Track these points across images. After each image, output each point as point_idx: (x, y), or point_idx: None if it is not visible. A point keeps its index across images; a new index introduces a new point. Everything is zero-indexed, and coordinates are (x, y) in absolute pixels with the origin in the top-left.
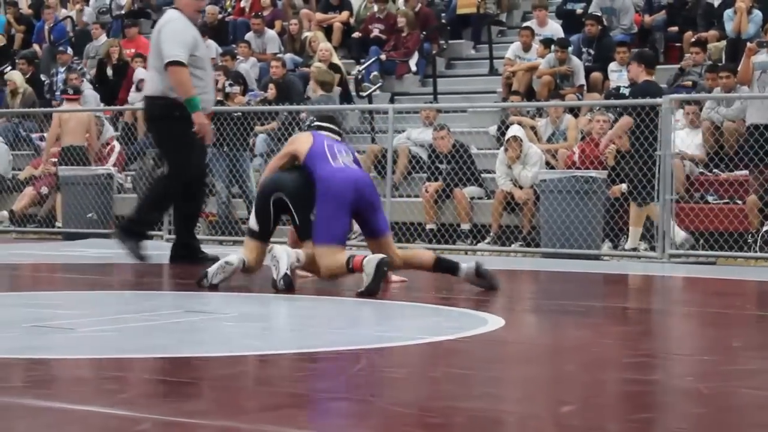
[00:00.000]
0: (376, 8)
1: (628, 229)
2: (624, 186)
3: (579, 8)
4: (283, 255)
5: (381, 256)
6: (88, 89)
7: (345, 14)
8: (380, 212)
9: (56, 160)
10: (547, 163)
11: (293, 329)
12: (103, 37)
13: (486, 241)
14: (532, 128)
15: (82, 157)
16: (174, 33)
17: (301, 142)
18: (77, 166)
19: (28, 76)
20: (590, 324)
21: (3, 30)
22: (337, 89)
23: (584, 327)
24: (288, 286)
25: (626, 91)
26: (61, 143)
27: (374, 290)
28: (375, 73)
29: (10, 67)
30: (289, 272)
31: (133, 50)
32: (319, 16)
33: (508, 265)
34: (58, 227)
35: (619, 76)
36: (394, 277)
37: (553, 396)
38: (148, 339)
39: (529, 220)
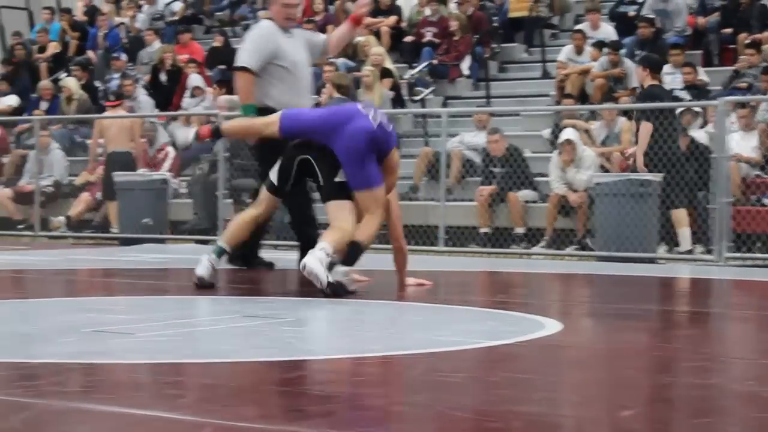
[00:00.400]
0: (428, 12)
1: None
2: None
3: (632, 11)
4: (317, 266)
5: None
6: (142, 95)
7: (393, 18)
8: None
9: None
10: (601, 167)
11: (350, 334)
12: (157, 43)
13: (540, 244)
14: (586, 131)
15: (127, 163)
16: (250, 40)
17: None
18: (121, 171)
19: (83, 82)
20: (648, 328)
21: (58, 37)
22: (389, 93)
23: (642, 331)
24: (336, 290)
25: (680, 93)
26: (106, 150)
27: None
28: (422, 68)
29: (65, 74)
30: (330, 279)
31: (186, 56)
32: (368, 20)
33: (562, 268)
34: (113, 233)
35: (673, 78)
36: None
37: (613, 400)
38: (207, 344)
39: (583, 223)
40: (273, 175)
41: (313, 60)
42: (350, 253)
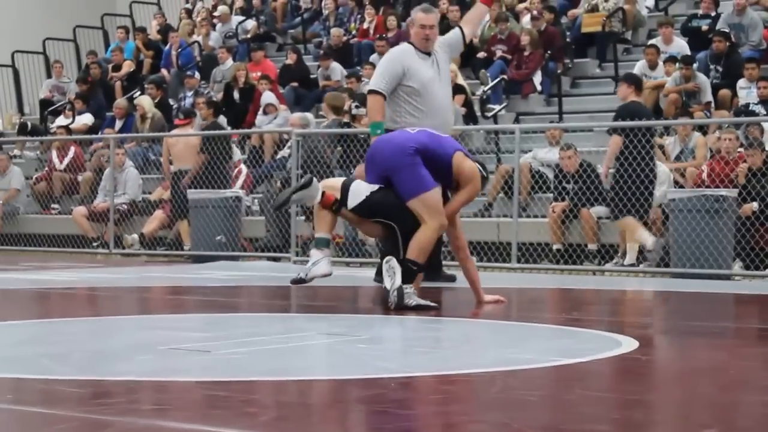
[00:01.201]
0: (498, 29)
1: (760, 249)
2: (755, 204)
3: (705, 24)
4: (399, 267)
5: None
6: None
7: None
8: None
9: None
10: (676, 182)
11: (426, 351)
12: (230, 61)
13: (613, 261)
14: (660, 147)
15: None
16: (381, 64)
17: None
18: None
19: (156, 100)
20: (726, 345)
21: (132, 56)
22: (461, 109)
23: (720, 348)
24: (400, 299)
25: (756, 108)
26: (172, 168)
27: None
28: (494, 84)
29: (139, 92)
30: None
31: (259, 73)
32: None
33: (636, 286)
34: (186, 250)
35: (748, 93)
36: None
37: (692, 419)
38: (283, 361)
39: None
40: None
41: (456, 53)
42: (404, 271)
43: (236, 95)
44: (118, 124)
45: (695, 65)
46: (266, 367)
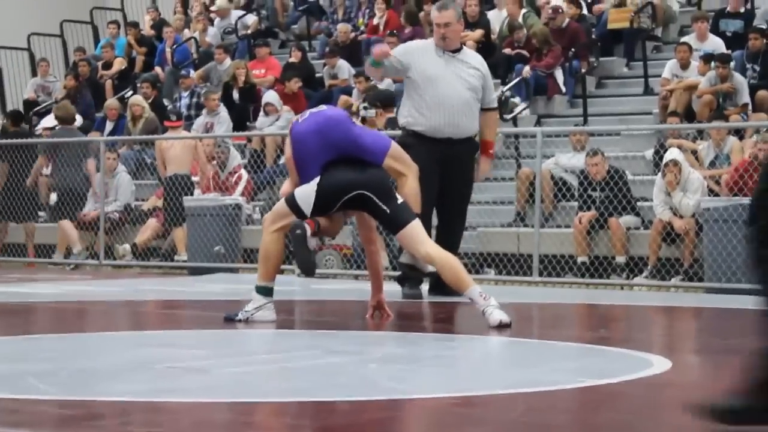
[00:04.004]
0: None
1: None
2: None
3: (734, 28)
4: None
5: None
6: (223, 111)
7: (479, 32)
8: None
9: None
10: (710, 190)
11: (441, 371)
12: (228, 61)
13: (643, 275)
14: (693, 152)
15: (186, 187)
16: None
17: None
18: (183, 196)
19: (150, 100)
20: None
21: (123, 52)
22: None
23: None
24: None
25: None
26: (165, 172)
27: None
28: (515, 82)
29: (131, 92)
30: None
31: (263, 70)
32: None
33: (667, 301)
34: (178, 260)
35: None
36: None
37: None
38: (288, 381)
39: (690, 252)
40: (305, 206)
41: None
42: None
43: (235, 95)
44: (109, 125)
45: (732, 64)
46: (269, 388)
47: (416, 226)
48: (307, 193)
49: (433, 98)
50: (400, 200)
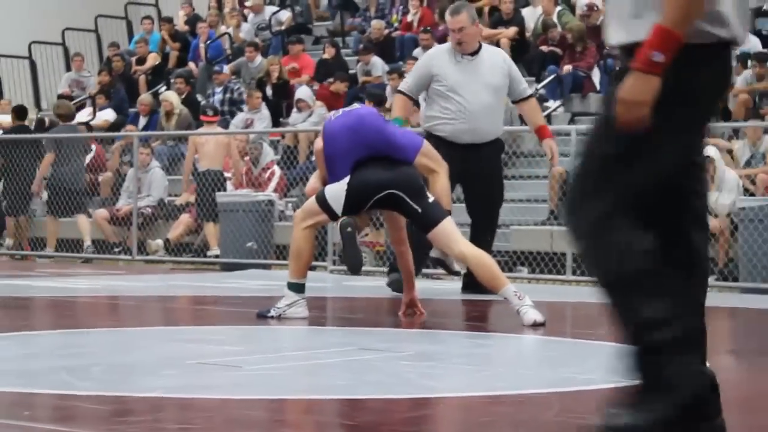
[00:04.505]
0: (549, 24)
1: None
2: None
3: None
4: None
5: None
6: (264, 108)
7: (513, 29)
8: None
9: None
10: (746, 190)
11: (475, 369)
12: (259, 58)
13: None
14: (729, 151)
15: (219, 183)
16: (416, 63)
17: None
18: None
19: (183, 96)
20: None
21: (157, 48)
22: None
23: None
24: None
25: None
26: (199, 168)
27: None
28: (548, 81)
29: (164, 87)
30: None
31: (296, 66)
32: (487, 31)
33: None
34: (210, 256)
35: None
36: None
37: None
38: (321, 378)
39: (725, 251)
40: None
41: (511, 97)
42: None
43: (269, 91)
44: (142, 121)
45: None
46: (301, 385)
47: (448, 224)
48: (337, 193)
49: (455, 106)
50: (431, 198)
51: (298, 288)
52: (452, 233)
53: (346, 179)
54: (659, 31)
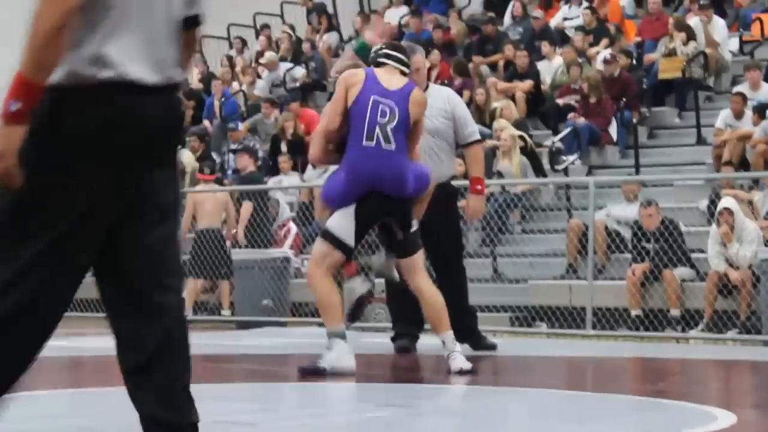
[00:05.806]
0: (568, 77)
1: None
2: None
3: None
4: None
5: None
6: (292, 173)
7: (529, 83)
8: None
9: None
10: (767, 241)
11: (496, 426)
12: (274, 116)
13: (698, 327)
14: (749, 202)
15: (218, 242)
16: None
17: (351, 83)
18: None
19: (198, 154)
20: None
21: None
22: (524, 160)
23: None
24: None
25: None
26: (197, 227)
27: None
28: (565, 133)
29: (180, 146)
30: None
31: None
32: (502, 85)
33: (724, 354)
34: (224, 315)
35: None
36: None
37: None
38: None
39: (747, 304)
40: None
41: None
42: None
43: (284, 148)
44: None
45: None
46: None
47: (420, 256)
48: (344, 223)
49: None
50: (414, 227)
51: (339, 334)
52: (419, 265)
53: (352, 207)
54: (16, 79)
